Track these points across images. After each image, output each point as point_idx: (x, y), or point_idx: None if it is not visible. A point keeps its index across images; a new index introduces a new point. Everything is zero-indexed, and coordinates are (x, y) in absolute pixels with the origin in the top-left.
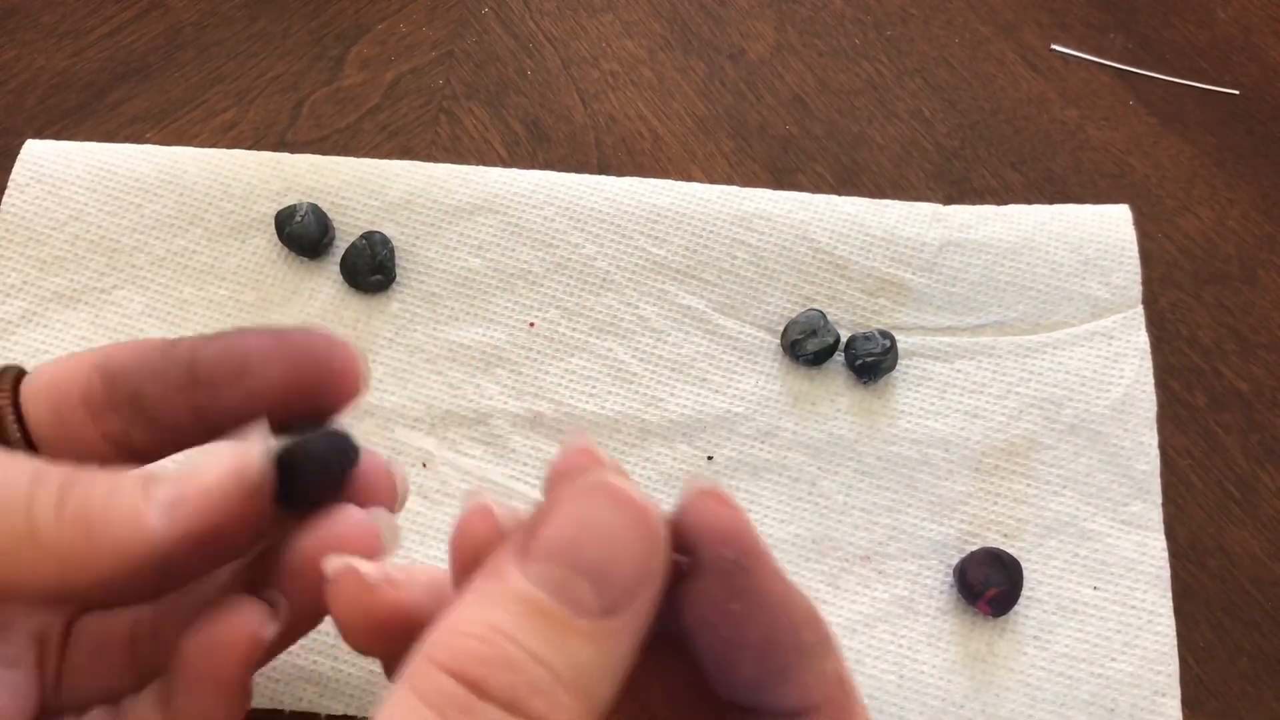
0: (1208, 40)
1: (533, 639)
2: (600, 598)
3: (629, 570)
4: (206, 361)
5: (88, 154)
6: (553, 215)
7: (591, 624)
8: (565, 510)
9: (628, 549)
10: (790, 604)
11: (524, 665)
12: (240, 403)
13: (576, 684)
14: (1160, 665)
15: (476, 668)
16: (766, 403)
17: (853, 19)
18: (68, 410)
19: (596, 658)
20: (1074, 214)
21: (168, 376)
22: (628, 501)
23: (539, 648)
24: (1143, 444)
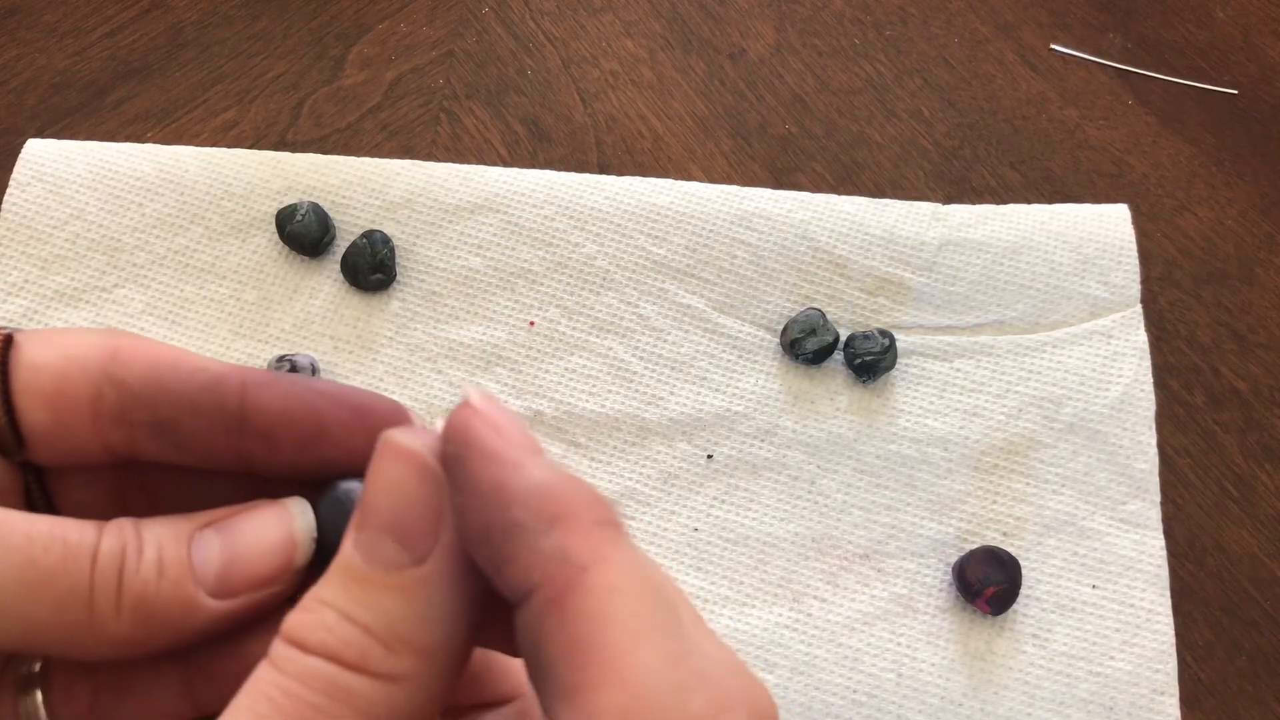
0: (1207, 40)
1: (344, 600)
2: (406, 549)
3: (422, 517)
4: (269, 416)
5: (89, 153)
6: (553, 214)
7: (400, 578)
8: (369, 478)
9: (417, 499)
10: (501, 485)
11: (334, 624)
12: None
13: (390, 634)
14: (1158, 663)
15: (298, 632)
16: (766, 401)
17: (852, 19)
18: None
19: (410, 608)
20: (1073, 213)
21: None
22: (406, 454)
23: (349, 607)
24: (1141, 443)
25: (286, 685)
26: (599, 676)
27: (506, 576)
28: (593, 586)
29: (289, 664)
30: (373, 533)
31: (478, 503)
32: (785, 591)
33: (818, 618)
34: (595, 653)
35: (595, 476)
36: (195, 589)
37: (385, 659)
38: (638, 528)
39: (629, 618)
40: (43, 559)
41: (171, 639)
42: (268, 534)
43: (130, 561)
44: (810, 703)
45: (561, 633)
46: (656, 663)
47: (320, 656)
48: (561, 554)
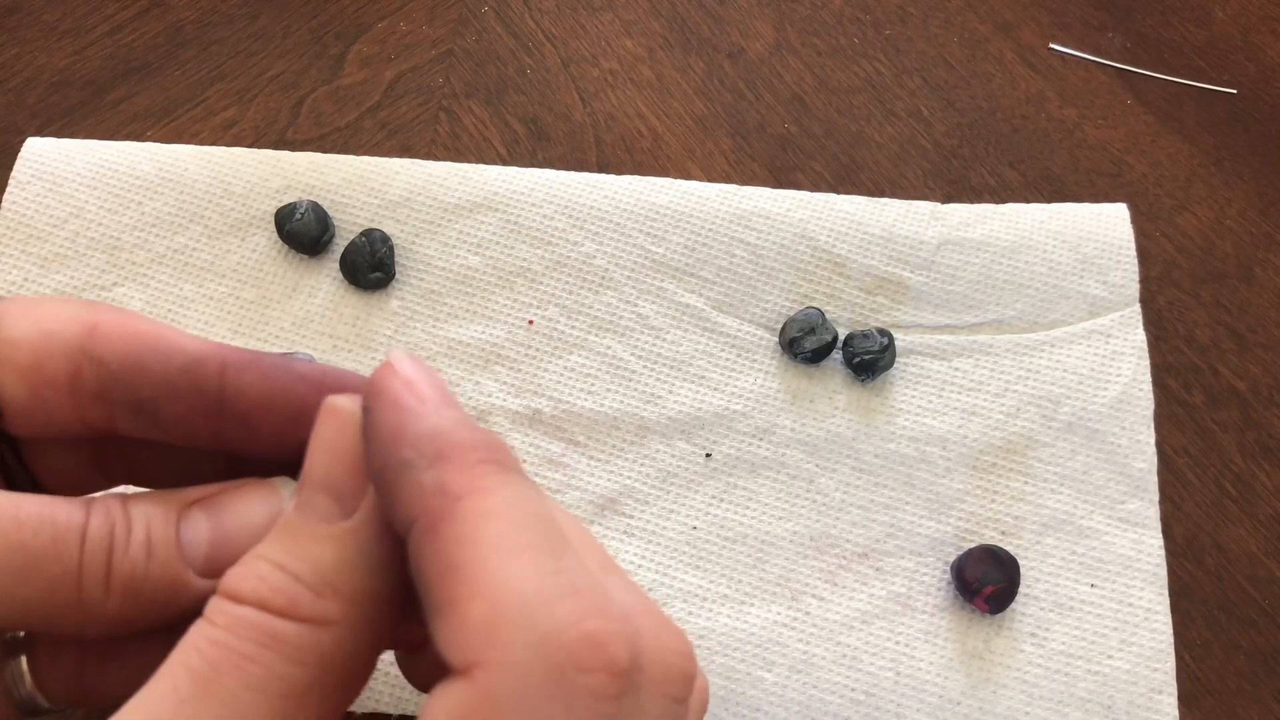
0: (1206, 39)
1: (276, 552)
2: (336, 503)
3: (351, 474)
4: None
5: (88, 151)
6: (552, 213)
7: (330, 529)
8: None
9: (347, 456)
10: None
11: (267, 573)
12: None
13: (318, 579)
14: (1157, 662)
15: (233, 584)
16: (765, 400)
17: (851, 18)
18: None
19: (340, 556)
20: (1072, 212)
21: (189, 398)
22: (338, 413)
23: (280, 557)
24: (1140, 442)
25: (216, 636)
26: (467, 592)
27: (393, 511)
28: (465, 513)
29: (220, 615)
30: (308, 490)
31: (377, 446)
32: (783, 590)
33: (816, 616)
34: (463, 571)
35: (594, 475)
36: (184, 569)
37: (313, 603)
38: (636, 526)
39: (498, 538)
40: (32, 542)
41: (160, 617)
42: (256, 514)
43: (119, 542)
44: (808, 701)
45: (436, 557)
46: (523, 576)
47: (251, 605)
48: (439, 487)
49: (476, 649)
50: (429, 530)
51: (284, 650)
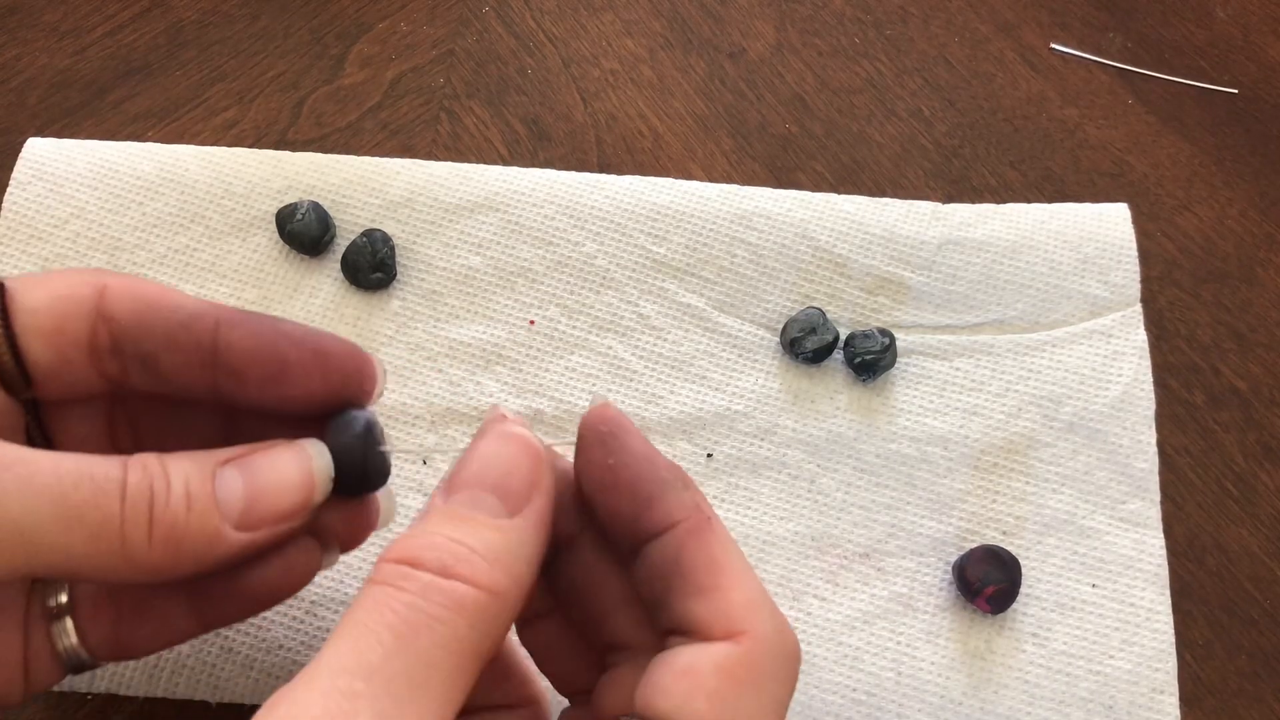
0: (1207, 39)
1: (453, 530)
2: (505, 504)
3: (521, 482)
4: (237, 353)
5: (89, 152)
6: (553, 213)
7: (499, 522)
8: (471, 453)
9: (519, 468)
10: (649, 454)
11: (447, 545)
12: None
13: (491, 556)
14: (1158, 662)
15: (411, 552)
16: (766, 400)
17: (852, 18)
18: (69, 351)
19: (507, 543)
20: (1073, 212)
21: (187, 351)
22: (514, 436)
23: (458, 534)
24: (1141, 442)
25: (408, 600)
26: (729, 581)
27: (653, 514)
28: (717, 529)
29: (408, 580)
30: (477, 490)
31: (631, 462)
32: (785, 590)
33: (817, 616)
34: (725, 567)
35: None
36: (221, 522)
37: (489, 572)
38: None
39: (738, 556)
40: (74, 494)
41: (197, 567)
42: (288, 472)
43: (159, 495)
44: (810, 701)
45: (701, 553)
46: (757, 585)
47: (434, 572)
48: (696, 505)
49: (741, 621)
50: (694, 533)
51: (465, 614)
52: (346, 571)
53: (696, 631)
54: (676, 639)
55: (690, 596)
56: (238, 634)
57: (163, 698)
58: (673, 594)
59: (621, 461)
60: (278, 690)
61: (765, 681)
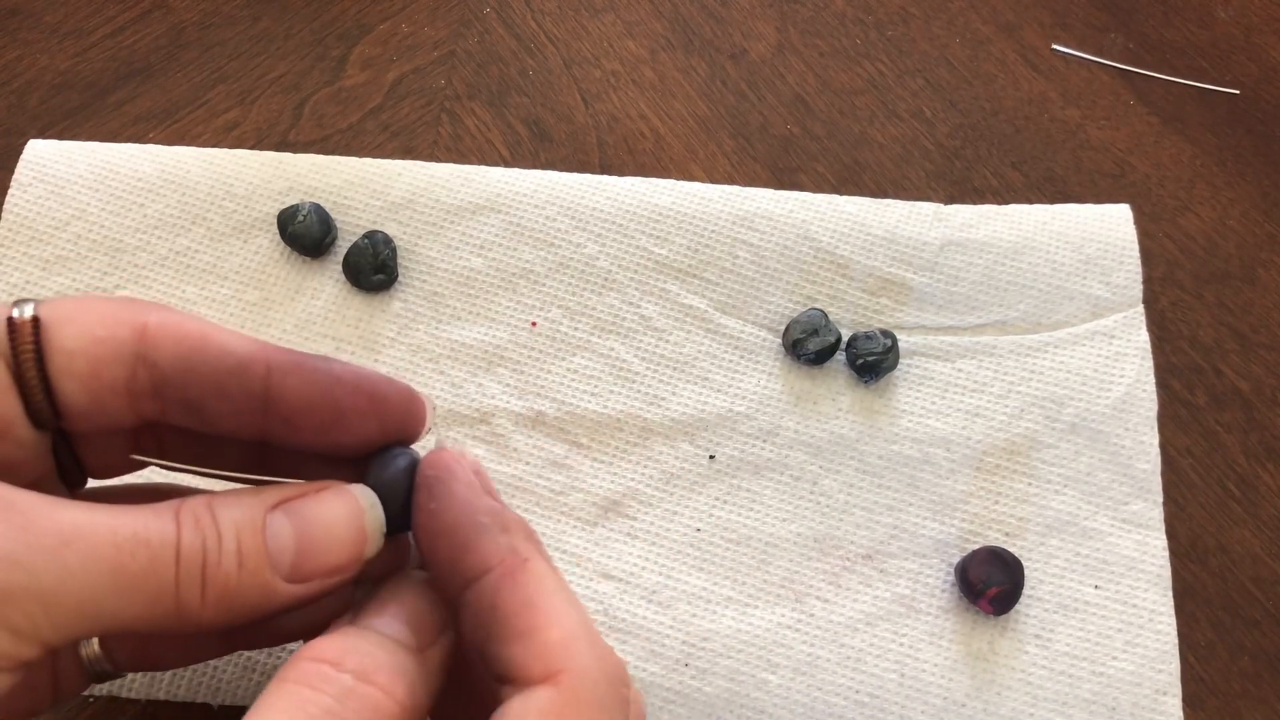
0: (1208, 40)
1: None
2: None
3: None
4: (290, 402)
5: (90, 153)
6: (555, 215)
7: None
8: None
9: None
10: (468, 500)
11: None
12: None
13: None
14: (1161, 664)
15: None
16: (768, 402)
17: (854, 19)
18: (106, 395)
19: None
20: (1075, 213)
21: (236, 399)
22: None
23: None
24: (1143, 443)
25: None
26: (544, 621)
27: (468, 558)
28: (533, 570)
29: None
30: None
31: (451, 508)
32: (787, 592)
33: (820, 618)
34: (539, 607)
35: (597, 476)
36: (273, 577)
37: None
38: (640, 528)
39: (555, 593)
40: (131, 564)
41: (248, 619)
42: (340, 525)
43: (211, 555)
44: (813, 703)
45: (515, 596)
46: (576, 615)
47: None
48: (512, 548)
49: (558, 660)
50: (507, 576)
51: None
52: None
53: (517, 677)
54: (504, 687)
55: (508, 641)
56: None
57: (163, 702)
58: (491, 640)
59: (441, 506)
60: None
61: (593, 714)
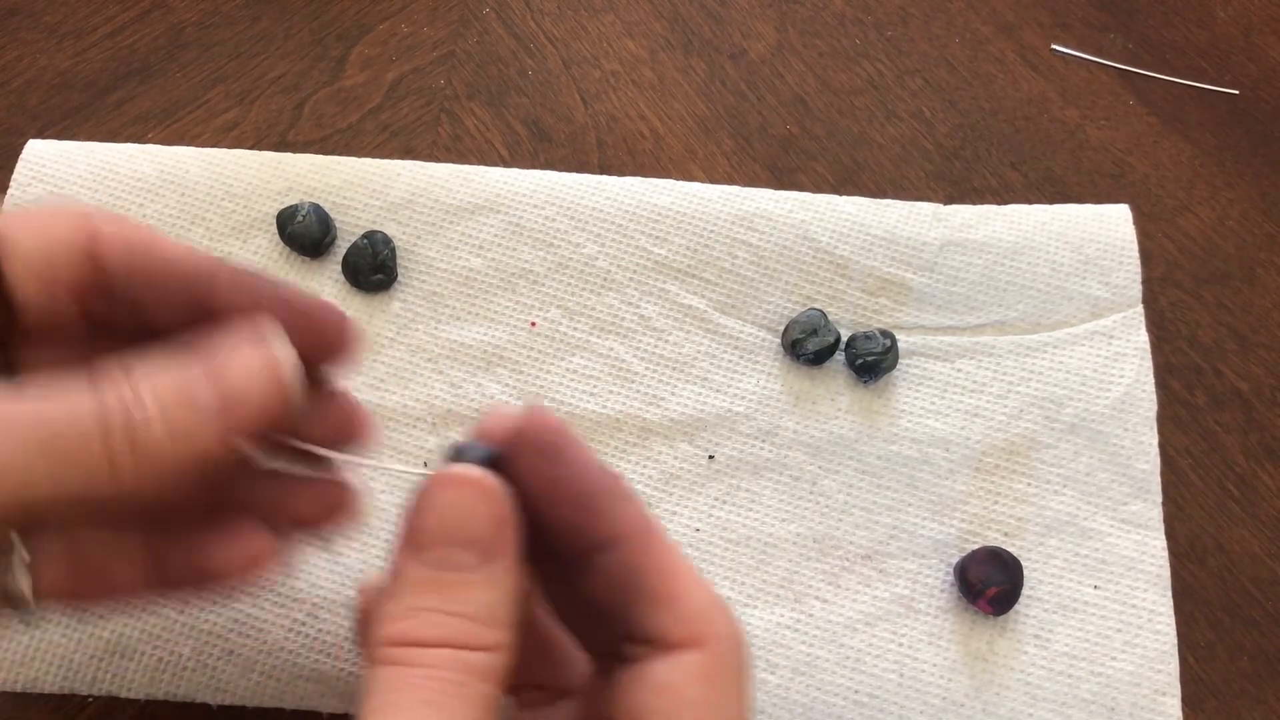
0: (1208, 40)
1: (440, 600)
2: (477, 555)
3: (488, 526)
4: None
5: (90, 154)
6: (554, 215)
7: (478, 575)
8: (422, 506)
9: (480, 511)
10: (592, 464)
11: (445, 621)
12: None
13: (485, 614)
14: (1160, 664)
15: (414, 633)
16: (767, 402)
17: (853, 19)
18: (57, 289)
19: (493, 593)
20: (1074, 214)
21: (175, 301)
22: (463, 480)
23: (448, 604)
24: (1143, 443)
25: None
26: (686, 587)
27: (601, 524)
28: (664, 539)
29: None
30: (445, 548)
31: (576, 473)
32: (787, 592)
33: (819, 618)
34: (680, 575)
35: None
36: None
37: (492, 633)
38: None
39: (685, 559)
40: (63, 441)
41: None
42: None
43: (138, 419)
44: (812, 703)
45: (654, 562)
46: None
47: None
48: (642, 514)
49: (702, 626)
50: (644, 543)
51: (481, 675)
52: (346, 573)
53: (660, 640)
54: (637, 647)
55: (650, 607)
56: (240, 636)
57: (163, 702)
58: (630, 605)
59: (567, 474)
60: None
61: (733, 677)
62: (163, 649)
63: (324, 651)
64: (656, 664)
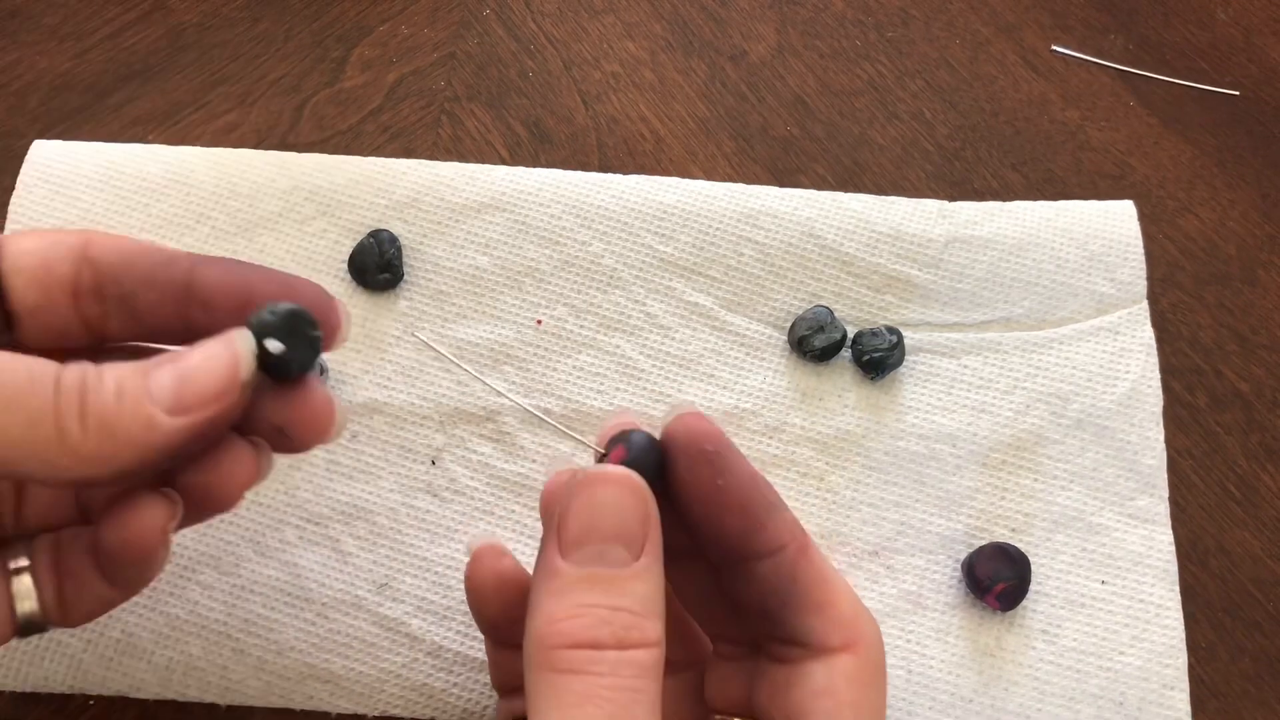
0: (1208, 41)
1: (604, 597)
2: (629, 550)
3: (637, 522)
4: (209, 286)
5: (94, 154)
6: (560, 213)
7: (634, 570)
8: (574, 506)
9: (629, 508)
10: (754, 474)
11: (613, 617)
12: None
13: (645, 608)
14: (1168, 658)
15: (586, 634)
16: (774, 399)
17: (854, 20)
18: (54, 293)
19: (649, 586)
20: (1079, 210)
21: (164, 288)
22: (612, 477)
23: (612, 600)
24: (1149, 439)
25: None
26: (838, 595)
27: (764, 534)
28: (815, 547)
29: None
30: (600, 543)
31: (741, 484)
32: None
33: None
34: (830, 582)
35: None
36: (152, 407)
37: (655, 627)
38: None
39: (833, 566)
40: (10, 381)
41: (136, 455)
42: (214, 357)
43: (92, 386)
44: None
45: (812, 571)
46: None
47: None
48: (796, 524)
49: (853, 631)
50: (802, 553)
51: (651, 675)
52: (356, 573)
53: (818, 645)
54: (791, 649)
55: (808, 613)
56: (250, 636)
57: (163, 705)
58: (788, 610)
59: (731, 484)
60: None
61: (880, 678)
62: (172, 649)
63: (334, 651)
64: (814, 667)
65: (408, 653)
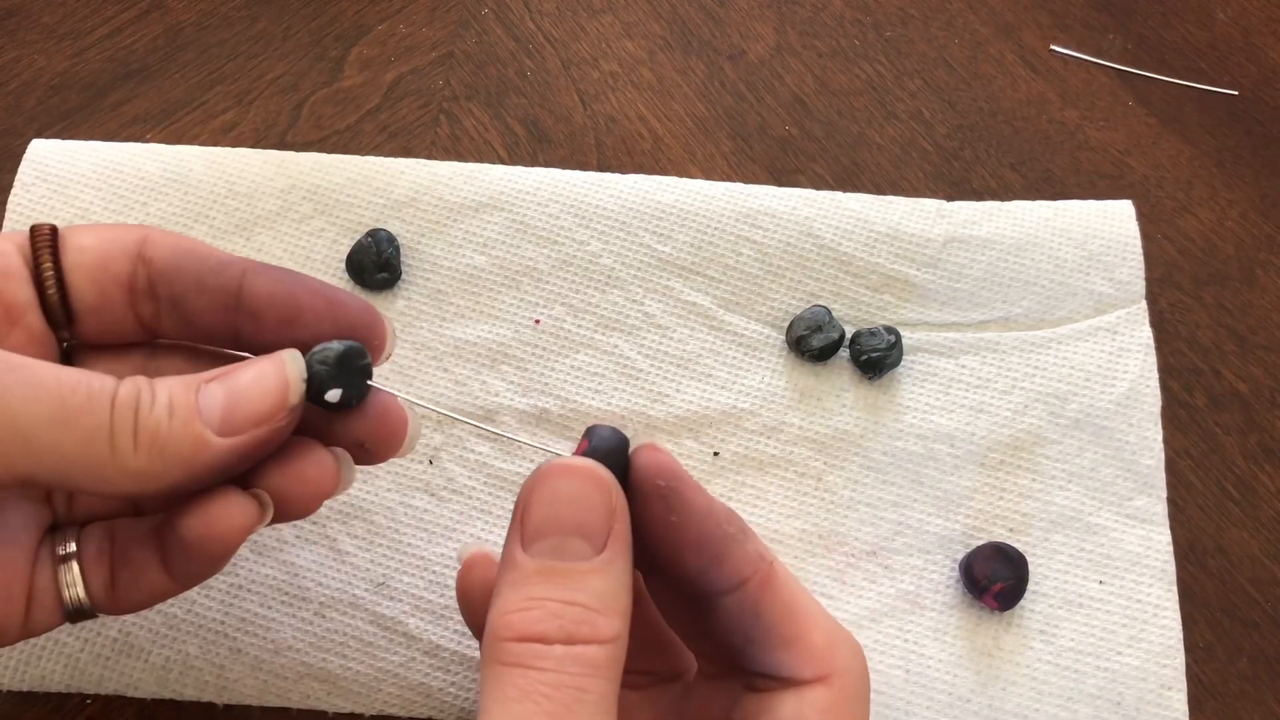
0: (1207, 41)
1: (557, 590)
2: (590, 542)
3: (599, 515)
4: (258, 297)
5: (93, 153)
6: (558, 212)
7: (593, 564)
8: (535, 497)
9: (592, 501)
10: (711, 508)
11: (563, 610)
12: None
13: (601, 604)
14: (1166, 658)
15: (534, 627)
16: (772, 398)
17: (852, 20)
18: (110, 288)
19: (608, 582)
20: (1077, 209)
21: (214, 294)
22: (574, 469)
23: (564, 594)
24: (1147, 438)
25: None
26: (808, 625)
27: (722, 570)
28: (781, 573)
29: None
30: (559, 536)
31: (694, 519)
32: None
33: None
34: (799, 612)
35: None
36: (202, 427)
37: (608, 623)
38: None
39: (802, 592)
40: (70, 399)
41: (184, 472)
42: (264, 378)
43: (145, 404)
44: None
45: (776, 603)
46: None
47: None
48: (758, 554)
49: (826, 663)
50: (764, 586)
51: (601, 672)
52: (353, 572)
53: (789, 678)
54: (765, 681)
55: (774, 647)
56: (247, 636)
57: (160, 704)
58: (755, 645)
59: (685, 519)
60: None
61: (857, 708)
62: (169, 648)
63: (331, 650)
64: (786, 698)
65: (405, 652)
